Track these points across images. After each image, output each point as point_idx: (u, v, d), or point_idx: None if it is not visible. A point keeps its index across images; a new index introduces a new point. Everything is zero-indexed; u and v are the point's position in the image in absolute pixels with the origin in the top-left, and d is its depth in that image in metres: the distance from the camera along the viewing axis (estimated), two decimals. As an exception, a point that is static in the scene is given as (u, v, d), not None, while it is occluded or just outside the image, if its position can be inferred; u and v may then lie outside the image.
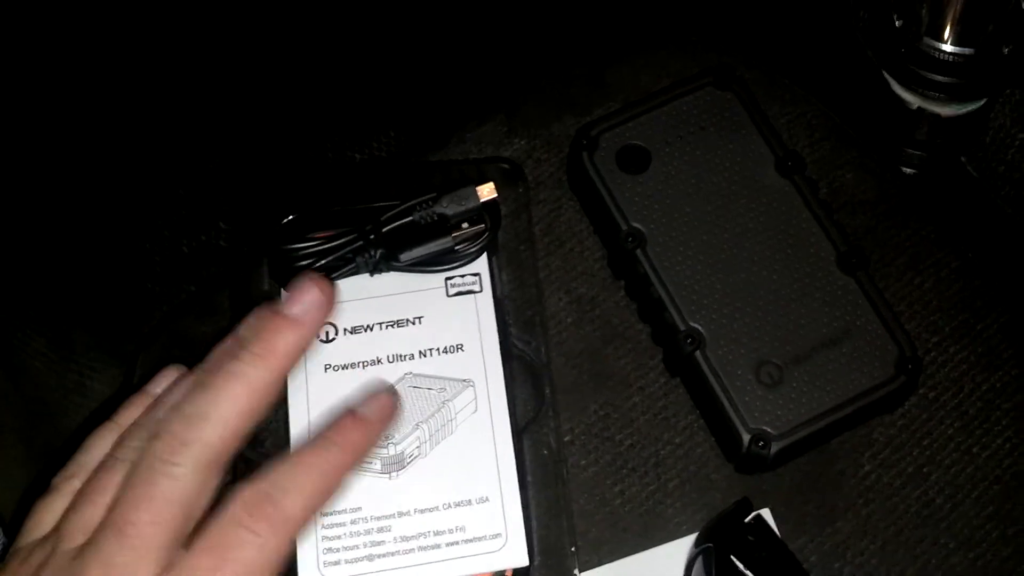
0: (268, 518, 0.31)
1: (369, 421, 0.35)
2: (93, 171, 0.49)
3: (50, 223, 0.48)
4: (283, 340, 0.34)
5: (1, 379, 0.45)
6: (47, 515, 0.34)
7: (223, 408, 0.33)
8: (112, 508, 0.32)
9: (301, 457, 0.33)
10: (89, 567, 0.30)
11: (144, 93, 0.50)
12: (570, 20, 0.51)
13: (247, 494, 0.32)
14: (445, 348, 0.43)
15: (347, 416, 0.35)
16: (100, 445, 0.36)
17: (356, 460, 0.35)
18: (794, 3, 0.52)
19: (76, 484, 0.34)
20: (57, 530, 0.33)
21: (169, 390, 0.37)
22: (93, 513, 0.32)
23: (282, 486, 0.32)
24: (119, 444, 0.35)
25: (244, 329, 0.35)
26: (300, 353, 0.35)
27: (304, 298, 0.35)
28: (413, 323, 0.43)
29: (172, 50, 0.51)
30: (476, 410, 0.42)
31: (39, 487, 0.35)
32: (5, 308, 0.47)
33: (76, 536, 0.32)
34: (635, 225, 0.43)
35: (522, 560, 0.39)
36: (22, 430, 0.44)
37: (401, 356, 0.42)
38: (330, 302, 0.36)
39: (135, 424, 0.36)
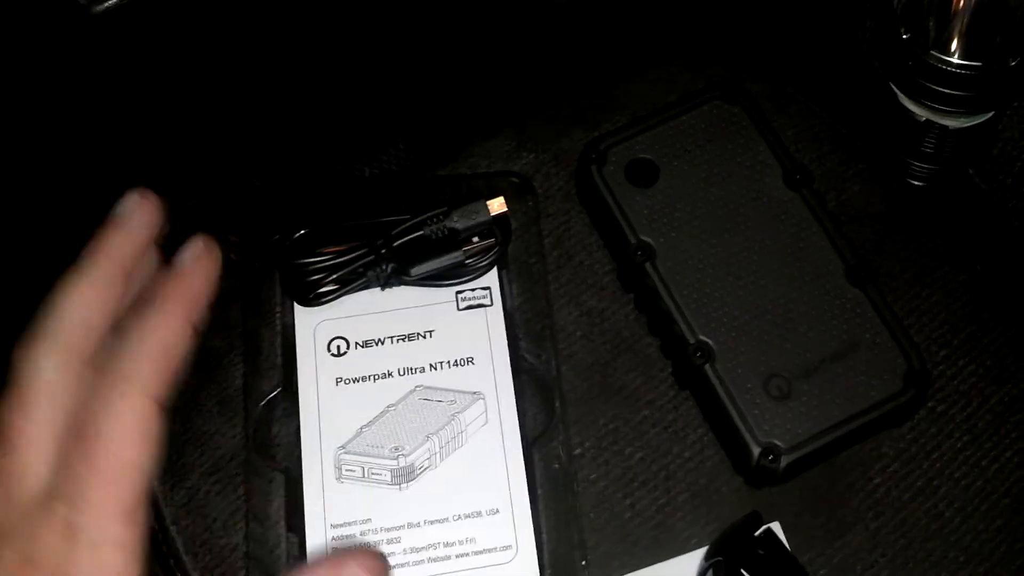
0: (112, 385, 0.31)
1: (185, 274, 0.34)
2: (103, 183, 0.49)
3: (58, 234, 0.48)
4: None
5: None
6: None
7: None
8: None
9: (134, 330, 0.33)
10: None
11: (154, 105, 0.51)
12: (578, 35, 0.52)
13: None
14: (455, 361, 0.43)
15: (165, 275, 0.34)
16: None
17: (188, 313, 0.34)
18: (801, 16, 0.52)
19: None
20: None
21: None
22: None
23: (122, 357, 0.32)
24: None
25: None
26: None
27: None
28: (424, 337, 0.43)
29: (181, 62, 0.51)
30: (486, 422, 0.42)
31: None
32: (17, 323, 0.47)
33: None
34: (644, 238, 0.44)
35: (533, 573, 0.39)
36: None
37: (412, 369, 0.43)
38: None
39: None
